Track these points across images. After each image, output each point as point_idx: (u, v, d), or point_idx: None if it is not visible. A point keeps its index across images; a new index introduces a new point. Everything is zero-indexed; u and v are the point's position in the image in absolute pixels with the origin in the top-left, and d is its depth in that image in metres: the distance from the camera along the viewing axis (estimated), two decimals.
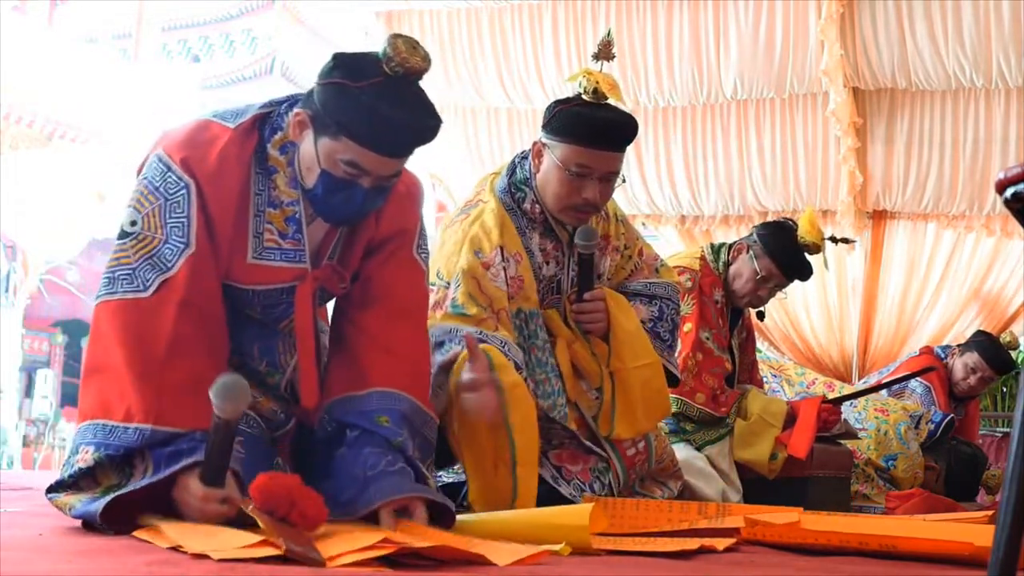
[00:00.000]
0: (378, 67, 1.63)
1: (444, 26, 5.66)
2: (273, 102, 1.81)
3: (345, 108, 1.62)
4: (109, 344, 1.62)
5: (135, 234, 1.67)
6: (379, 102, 1.61)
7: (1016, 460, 1.03)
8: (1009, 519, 1.01)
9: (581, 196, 2.27)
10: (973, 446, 4.37)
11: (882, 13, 4.90)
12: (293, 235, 1.76)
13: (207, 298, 1.69)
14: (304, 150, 1.71)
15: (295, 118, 1.71)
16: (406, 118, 1.63)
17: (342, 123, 1.63)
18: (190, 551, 1.30)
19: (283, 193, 1.75)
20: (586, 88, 2.25)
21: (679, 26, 5.25)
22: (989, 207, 5.42)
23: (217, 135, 1.72)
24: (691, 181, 5.83)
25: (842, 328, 5.92)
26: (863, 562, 1.65)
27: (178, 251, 1.65)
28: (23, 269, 11.09)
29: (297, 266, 1.77)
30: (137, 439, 1.57)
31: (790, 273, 3.23)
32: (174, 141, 1.72)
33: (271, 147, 1.75)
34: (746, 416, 3.20)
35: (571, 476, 2.31)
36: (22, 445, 12.24)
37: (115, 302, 1.64)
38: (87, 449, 1.59)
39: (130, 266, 1.65)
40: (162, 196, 1.67)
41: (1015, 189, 1.11)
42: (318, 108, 1.66)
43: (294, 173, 1.74)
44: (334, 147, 1.65)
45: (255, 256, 1.75)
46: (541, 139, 2.34)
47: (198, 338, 1.66)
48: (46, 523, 1.71)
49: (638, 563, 1.52)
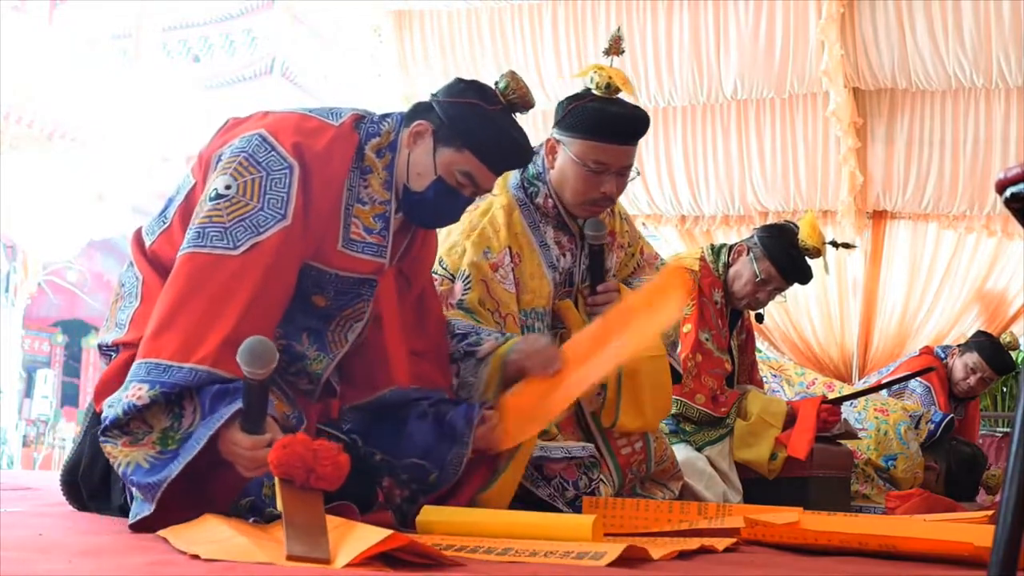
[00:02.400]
0: (498, 96, 1.90)
1: (444, 26, 5.66)
2: (359, 109, 1.95)
3: (477, 126, 1.86)
4: (186, 292, 1.68)
5: (229, 197, 1.74)
6: (505, 125, 1.89)
7: (1016, 460, 1.03)
8: (1009, 519, 1.01)
9: (599, 190, 2.31)
10: (973, 446, 4.37)
11: (882, 13, 4.90)
12: (380, 232, 1.90)
13: (288, 271, 1.78)
14: (417, 158, 1.90)
15: (415, 127, 1.89)
16: (522, 143, 1.93)
17: (471, 138, 1.86)
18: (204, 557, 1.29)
19: (376, 192, 1.90)
20: (598, 83, 2.28)
21: (679, 26, 5.25)
22: (989, 207, 5.42)
23: (322, 128, 1.85)
24: (691, 181, 5.83)
25: (842, 328, 5.92)
26: (863, 562, 1.65)
27: (273, 220, 1.74)
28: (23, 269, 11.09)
29: (378, 260, 1.91)
30: (192, 378, 1.60)
31: (790, 277, 3.23)
32: (281, 126, 1.81)
33: (368, 149, 1.90)
34: (746, 416, 3.20)
35: (553, 474, 2.21)
36: (22, 445, 12.23)
37: (203, 255, 1.70)
38: (140, 386, 1.62)
39: (223, 224, 1.72)
40: (263, 170, 1.76)
41: (1015, 189, 1.11)
42: (444, 121, 1.87)
43: (389, 176, 1.91)
44: (455, 158, 1.88)
45: (344, 244, 1.87)
46: (554, 136, 2.35)
47: (271, 304, 1.74)
48: (46, 523, 1.71)
49: (639, 563, 1.52)
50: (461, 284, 2.24)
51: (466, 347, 2.10)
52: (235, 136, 1.83)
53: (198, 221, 1.74)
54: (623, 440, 2.45)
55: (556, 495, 2.21)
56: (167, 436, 1.61)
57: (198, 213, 1.76)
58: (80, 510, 1.94)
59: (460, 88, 1.90)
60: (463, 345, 2.11)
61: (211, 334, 1.64)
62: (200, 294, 1.67)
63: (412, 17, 5.71)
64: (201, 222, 1.73)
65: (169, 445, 1.60)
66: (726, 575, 1.44)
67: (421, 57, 5.73)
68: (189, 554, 1.31)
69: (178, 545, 1.40)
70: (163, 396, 1.60)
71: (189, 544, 1.37)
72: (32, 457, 12.29)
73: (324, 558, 1.26)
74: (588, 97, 2.29)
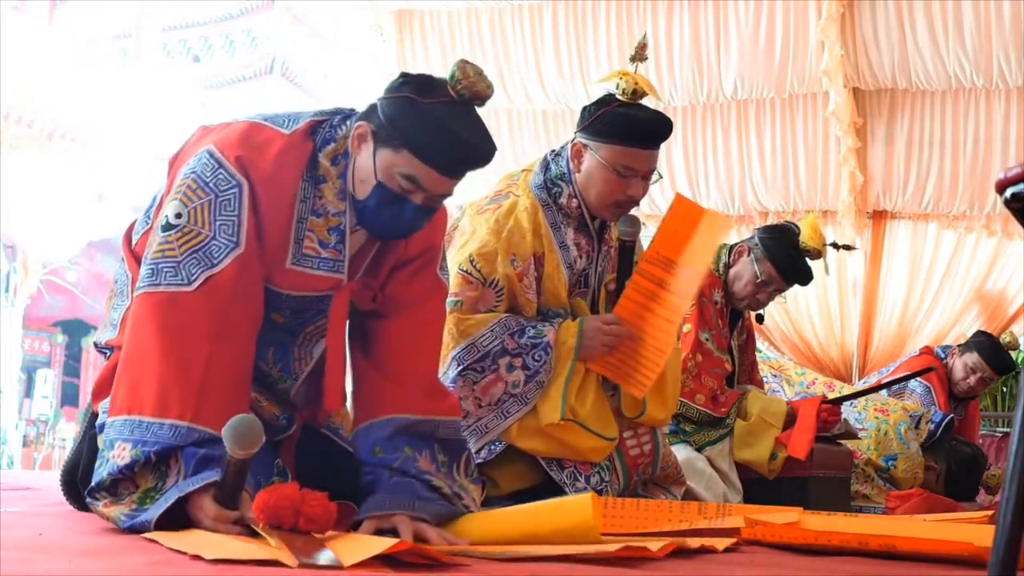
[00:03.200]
0: (445, 89, 1.69)
1: (444, 26, 5.66)
2: (325, 112, 1.83)
3: (411, 121, 1.66)
4: (148, 337, 1.61)
5: (180, 227, 1.65)
6: (445, 119, 1.66)
7: (1016, 460, 1.03)
8: (1009, 519, 1.01)
9: (625, 193, 2.36)
10: (973, 446, 4.36)
11: (882, 13, 4.90)
12: (335, 245, 1.77)
13: (250, 298, 1.70)
14: (360, 162, 1.74)
15: (356, 130, 1.73)
16: (467, 138, 1.68)
17: (406, 136, 1.67)
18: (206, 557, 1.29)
19: (330, 203, 1.76)
20: (625, 89, 2.34)
21: (679, 26, 5.25)
22: (989, 207, 5.43)
23: (271, 139, 1.73)
24: (691, 181, 5.83)
25: (842, 328, 5.92)
26: (863, 562, 1.65)
27: (226, 248, 1.65)
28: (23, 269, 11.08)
29: (334, 276, 1.78)
30: (173, 436, 1.55)
31: (791, 278, 3.23)
32: (228, 139, 1.71)
33: (323, 157, 1.76)
34: (746, 416, 3.20)
35: (569, 464, 2.33)
36: (22, 445, 12.23)
37: (158, 294, 1.63)
38: (124, 445, 1.57)
39: (175, 259, 1.64)
40: (212, 192, 1.67)
41: (1015, 189, 1.11)
42: (382, 121, 1.69)
43: (343, 185, 1.76)
44: (394, 160, 1.69)
45: (294, 262, 1.75)
46: (580, 140, 2.40)
47: (238, 338, 1.66)
48: (46, 523, 1.71)
49: (639, 563, 1.52)
50: (494, 293, 2.31)
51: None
52: (195, 151, 1.75)
53: (151, 255, 1.66)
54: (632, 441, 2.47)
55: (568, 484, 2.29)
56: (146, 496, 1.57)
57: (150, 245, 1.69)
58: (80, 510, 1.94)
59: (396, 83, 1.71)
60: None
61: (183, 384, 1.57)
62: (163, 338, 1.60)
63: (412, 17, 5.71)
64: (154, 257, 1.65)
65: (145, 504, 1.56)
66: (726, 575, 1.44)
67: (421, 57, 5.73)
68: (190, 554, 1.31)
69: (178, 547, 1.39)
70: (145, 456, 1.55)
71: (191, 547, 1.37)
72: (32, 457, 12.28)
73: (337, 564, 1.25)
74: (615, 103, 2.35)
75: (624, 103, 2.35)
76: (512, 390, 2.25)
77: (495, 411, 2.26)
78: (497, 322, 2.27)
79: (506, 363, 2.24)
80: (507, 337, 2.26)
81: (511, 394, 2.25)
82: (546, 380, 2.26)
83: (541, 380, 2.26)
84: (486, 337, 2.26)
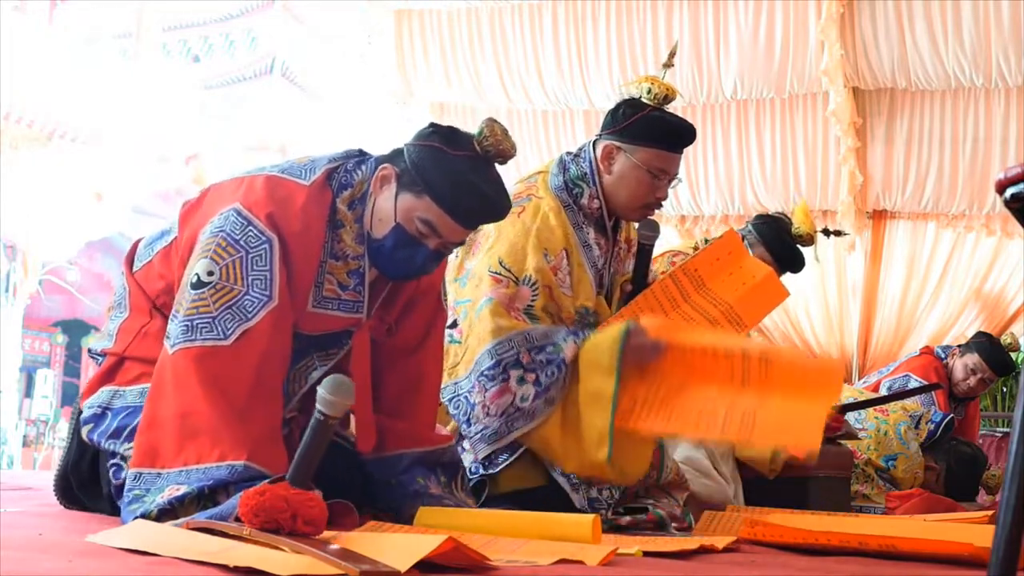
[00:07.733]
0: (471, 143, 1.79)
1: (444, 26, 5.66)
2: (338, 157, 1.89)
3: (436, 170, 1.76)
4: (193, 390, 1.65)
5: (213, 284, 1.70)
6: (468, 172, 1.76)
7: (1016, 460, 1.03)
8: (1009, 519, 1.01)
9: (655, 195, 2.43)
10: (973, 446, 4.36)
11: (882, 13, 4.90)
12: (355, 287, 1.85)
13: (283, 350, 1.76)
14: (381, 203, 1.82)
15: (381, 171, 1.82)
16: (487, 192, 1.79)
17: (430, 183, 1.76)
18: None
19: (348, 247, 1.84)
20: (657, 95, 2.44)
21: (679, 26, 5.25)
22: (989, 207, 5.43)
23: (293, 192, 1.79)
24: (691, 181, 5.83)
25: (842, 328, 5.92)
26: (863, 562, 1.65)
27: (260, 303, 1.71)
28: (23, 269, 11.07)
29: (354, 316, 1.86)
30: (230, 474, 1.59)
31: (784, 262, 3.24)
32: (254, 197, 1.77)
33: (340, 203, 1.83)
34: None
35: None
36: (22, 445, 12.23)
37: (196, 349, 1.68)
38: (178, 487, 1.59)
39: (210, 314, 1.69)
40: (243, 249, 1.72)
41: (1015, 189, 1.11)
42: (407, 166, 1.79)
43: (361, 229, 1.84)
44: (415, 204, 1.78)
45: (315, 304, 1.82)
46: (613, 142, 2.43)
47: (274, 388, 1.73)
48: (46, 523, 1.71)
49: (639, 563, 1.52)
50: (529, 290, 2.29)
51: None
52: (213, 211, 1.79)
53: (183, 312, 1.70)
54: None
55: (569, 486, 2.26)
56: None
57: (181, 303, 1.73)
58: (70, 503, 1.95)
59: (427, 132, 1.82)
60: None
61: (235, 429, 1.62)
62: (207, 390, 1.64)
63: (412, 17, 5.71)
64: (187, 314, 1.69)
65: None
66: (726, 575, 1.44)
67: (421, 57, 5.73)
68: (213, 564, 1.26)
69: (170, 554, 1.33)
70: (198, 490, 1.59)
71: (193, 554, 1.32)
72: (32, 457, 12.28)
73: (393, 570, 1.20)
74: (647, 107, 2.43)
75: (655, 107, 2.43)
76: (520, 403, 2.21)
77: (501, 421, 2.23)
78: (519, 333, 2.23)
79: (517, 376, 2.22)
80: (524, 351, 2.21)
81: (518, 407, 2.22)
82: (557, 397, 2.21)
83: (552, 397, 2.20)
84: (503, 346, 2.22)
